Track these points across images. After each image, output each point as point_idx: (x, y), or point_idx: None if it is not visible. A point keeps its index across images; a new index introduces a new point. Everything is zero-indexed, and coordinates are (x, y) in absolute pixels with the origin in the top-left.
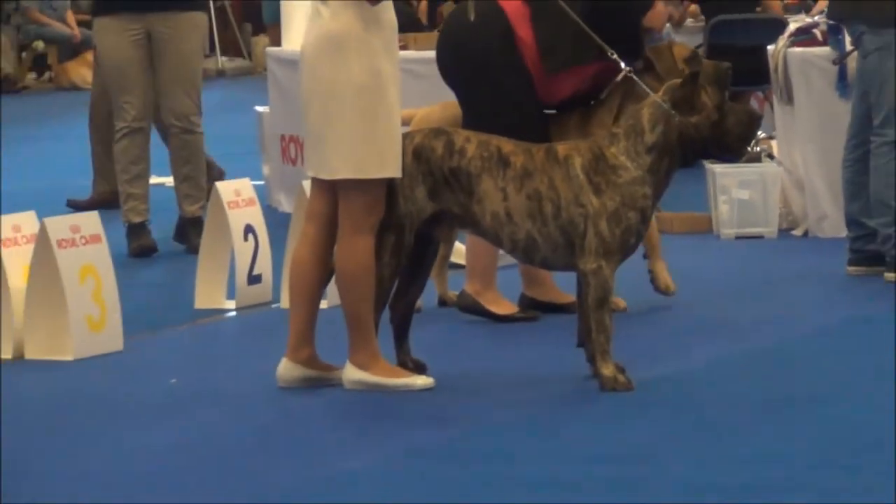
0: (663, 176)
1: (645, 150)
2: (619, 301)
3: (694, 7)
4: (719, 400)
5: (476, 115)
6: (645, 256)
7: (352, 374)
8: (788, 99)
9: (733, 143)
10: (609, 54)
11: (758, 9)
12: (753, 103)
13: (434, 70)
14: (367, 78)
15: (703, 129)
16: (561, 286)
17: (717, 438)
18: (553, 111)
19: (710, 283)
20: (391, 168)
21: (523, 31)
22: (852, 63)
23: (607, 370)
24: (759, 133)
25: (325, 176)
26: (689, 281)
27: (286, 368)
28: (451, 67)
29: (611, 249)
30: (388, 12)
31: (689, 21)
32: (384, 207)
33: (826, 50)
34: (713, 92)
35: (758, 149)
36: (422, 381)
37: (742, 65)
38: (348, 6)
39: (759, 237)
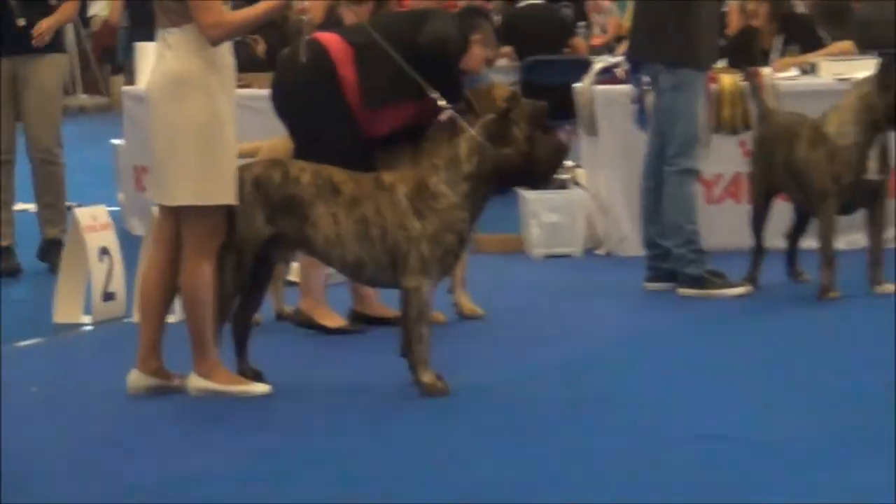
0: (479, 202)
1: (462, 178)
2: (439, 315)
3: (508, 49)
4: (528, 403)
5: (303, 147)
6: (449, 291)
7: (196, 382)
8: (593, 132)
9: (543, 172)
10: (430, 93)
11: (566, 50)
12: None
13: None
14: (206, 115)
15: (514, 159)
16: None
17: (523, 437)
18: (391, 144)
19: (522, 298)
20: (228, 196)
21: (346, 70)
22: (650, 99)
23: (427, 377)
24: (566, 162)
25: (169, 202)
26: (503, 296)
27: (136, 378)
28: (282, 104)
29: (431, 269)
30: (227, 56)
31: (504, 61)
32: (224, 232)
33: (627, 87)
34: (524, 126)
35: (566, 177)
36: (259, 388)
37: (552, 101)
38: (190, 49)
39: (567, 256)
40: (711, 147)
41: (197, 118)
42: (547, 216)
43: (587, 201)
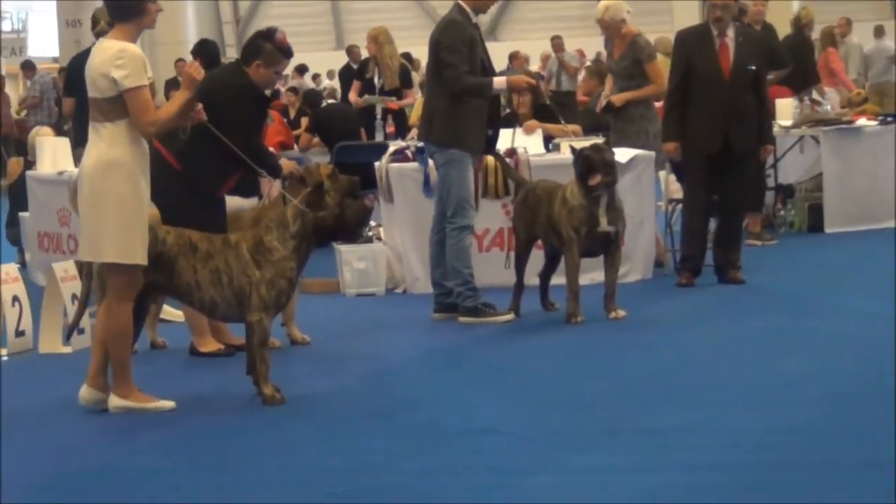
0: (304, 254)
1: (290, 237)
2: (275, 341)
3: (317, 139)
4: (347, 408)
5: (166, 215)
6: (283, 324)
7: (116, 401)
8: (390, 198)
9: (352, 230)
10: (261, 174)
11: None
12: (367, 202)
13: None
14: (129, 193)
15: (329, 220)
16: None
17: (344, 436)
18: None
19: (339, 327)
20: (143, 256)
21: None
22: (433, 173)
23: (267, 390)
24: (371, 222)
25: (98, 259)
26: (324, 327)
27: (85, 392)
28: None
29: (268, 306)
30: (146, 144)
31: (316, 148)
32: (141, 283)
33: (415, 165)
34: (336, 195)
35: (371, 233)
36: (166, 404)
37: (359, 175)
38: (120, 139)
39: (373, 294)
40: (481, 209)
41: (122, 195)
42: (357, 263)
43: (387, 252)
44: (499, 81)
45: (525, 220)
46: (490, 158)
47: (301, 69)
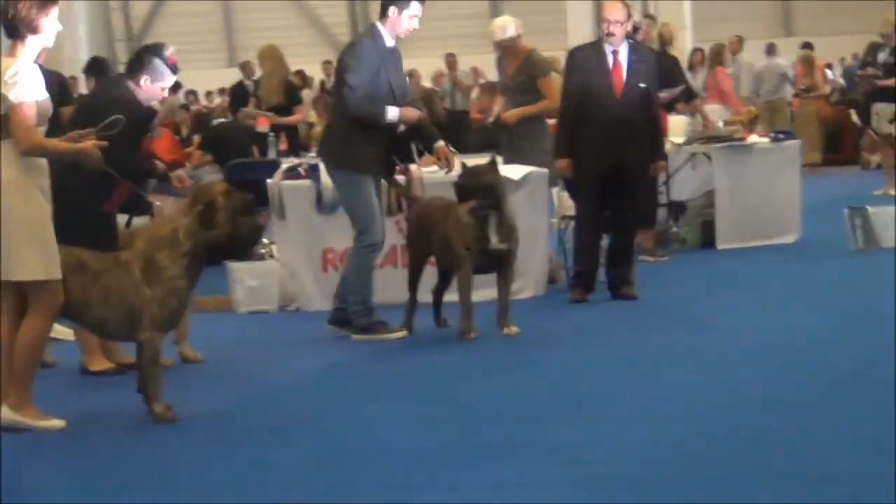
0: (196, 272)
1: (181, 255)
2: (167, 360)
3: (209, 157)
4: (240, 425)
5: (60, 234)
6: (174, 343)
7: (7, 413)
8: (283, 216)
9: (245, 247)
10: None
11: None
12: (260, 219)
13: None
14: (36, 211)
15: (220, 238)
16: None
17: (238, 452)
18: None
19: (232, 345)
20: (56, 272)
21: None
22: (326, 190)
23: (158, 409)
24: (264, 240)
25: (19, 278)
26: (216, 344)
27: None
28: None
29: (160, 324)
30: (44, 162)
31: (207, 167)
32: (61, 299)
33: (308, 182)
34: (228, 213)
35: (263, 251)
36: (57, 423)
37: (251, 193)
38: (13, 158)
39: (266, 312)
40: None
41: (31, 214)
42: (250, 281)
43: (280, 269)
44: (393, 112)
45: (418, 237)
46: None
47: (175, 87)
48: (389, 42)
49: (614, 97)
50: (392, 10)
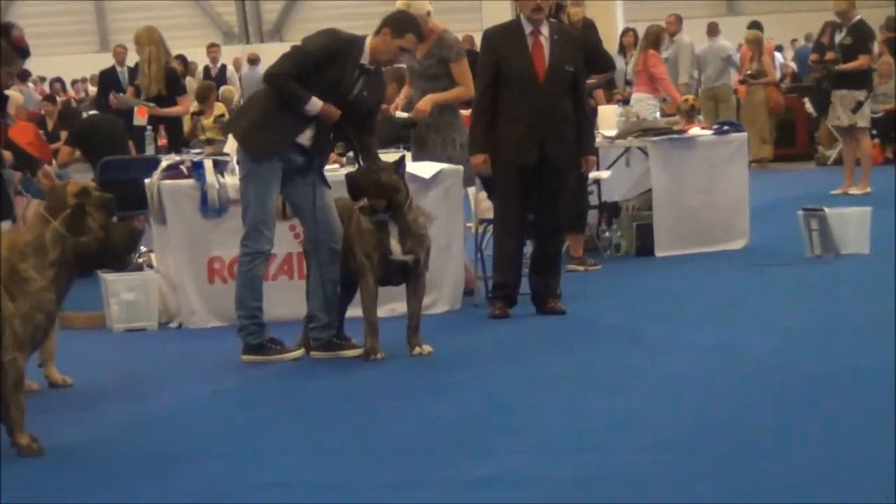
0: (65, 284)
1: (49, 265)
2: (32, 384)
3: (78, 153)
4: (115, 457)
5: None
6: (40, 365)
7: None
8: (163, 220)
9: (120, 254)
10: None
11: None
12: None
13: None
14: None
15: (92, 245)
16: None
17: (103, 492)
18: None
19: (105, 367)
20: None
21: None
22: (212, 191)
23: (23, 440)
24: (141, 247)
25: None
26: (88, 366)
27: None
28: None
29: (23, 343)
30: None
31: (77, 165)
32: None
33: (191, 181)
34: (99, 216)
35: (141, 260)
36: None
37: (126, 194)
38: None
39: (144, 329)
40: None
41: None
42: (125, 294)
43: (160, 281)
44: (315, 103)
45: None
46: None
47: (23, 75)
48: (365, 58)
49: (536, 82)
50: (384, 32)
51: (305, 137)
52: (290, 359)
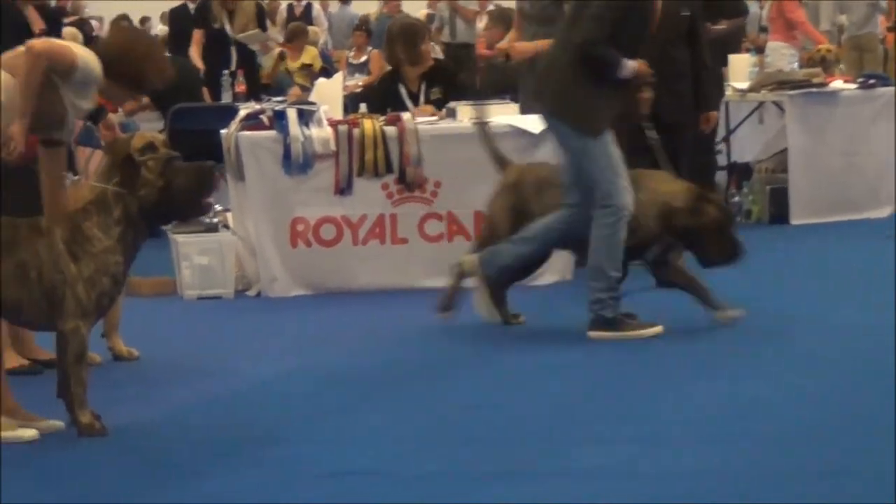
0: (132, 244)
1: (114, 223)
2: (95, 356)
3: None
4: (182, 441)
5: None
6: (103, 335)
7: None
8: (240, 176)
9: (188, 200)
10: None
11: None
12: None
13: None
14: None
15: (152, 197)
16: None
17: (178, 475)
18: None
19: (176, 338)
20: None
21: None
22: (296, 144)
23: (84, 418)
24: (216, 205)
25: None
26: (156, 338)
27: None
28: None
29: (87, 311)
30: None
31: (146, 112)
32: None
33: (272, 133)
34: (154, 164)
35: (216, 220)
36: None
37: (200, 146)
38: None
39: (218, 297)
40: (356, 191)
41: None
42: (199, 258)
43: (237, 244)
44: (630, 65)
45: (511, 209)
46: (368, 124)
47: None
48: None
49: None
50: None
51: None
52: (647, 336)
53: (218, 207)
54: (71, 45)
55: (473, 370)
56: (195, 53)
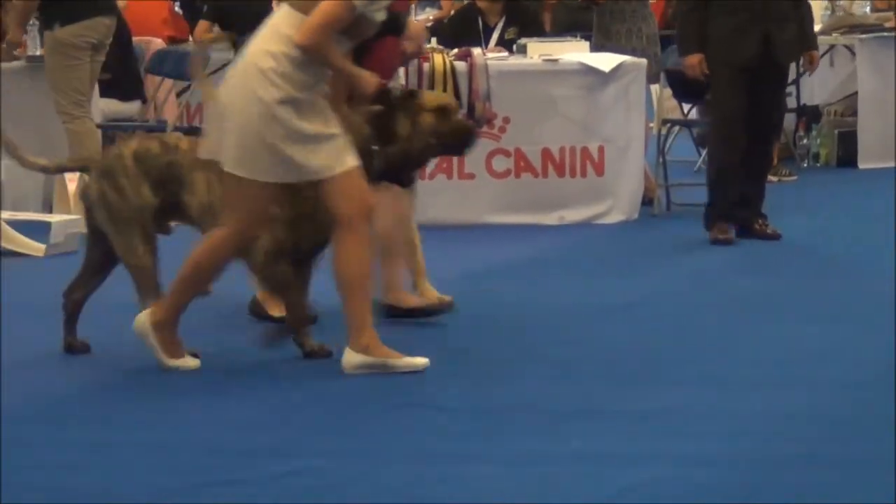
0: None
1: None
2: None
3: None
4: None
5: None
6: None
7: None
8: None
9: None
10: None
11: None
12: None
13: None
14: None
15: (397, 157)
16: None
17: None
18: None
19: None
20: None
21: None
22: None
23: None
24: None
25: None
26: None
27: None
28: None
29: None
30: None
31: None
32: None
33: None
34: (407, 121)
35: None
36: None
37: None
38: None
39: None
40: None
41: None
42: None
43: None
44: None
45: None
46: (438, 58)
47: None
48: None
49: None
50: None
51: None
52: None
53: None
54: None
55: (542, 310)
56: None
